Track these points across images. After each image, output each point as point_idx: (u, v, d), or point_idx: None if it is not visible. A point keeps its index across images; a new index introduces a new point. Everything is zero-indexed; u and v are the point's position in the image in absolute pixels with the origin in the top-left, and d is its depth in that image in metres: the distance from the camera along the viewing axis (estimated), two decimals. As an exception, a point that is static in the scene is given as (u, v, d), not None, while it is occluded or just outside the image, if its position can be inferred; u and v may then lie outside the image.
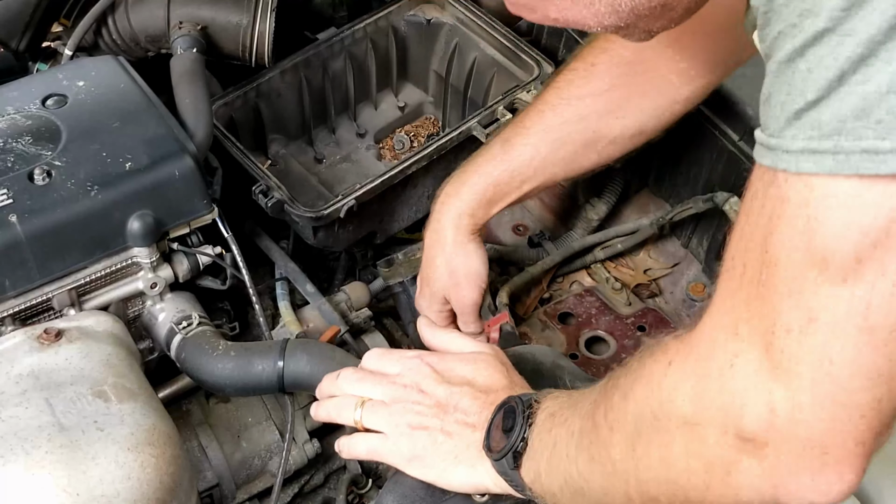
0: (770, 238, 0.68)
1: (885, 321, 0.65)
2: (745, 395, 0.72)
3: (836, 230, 0.64)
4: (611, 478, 0.85)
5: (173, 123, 1.20)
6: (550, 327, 1.43)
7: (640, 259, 1.56)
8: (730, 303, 0.73)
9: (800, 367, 0.68)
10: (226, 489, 1.19)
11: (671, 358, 0.80)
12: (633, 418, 0.83)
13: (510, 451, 0.94)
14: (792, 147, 0.65)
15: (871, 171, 0.61)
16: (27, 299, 1.11)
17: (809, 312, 0.67)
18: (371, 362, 1.10)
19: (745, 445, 0.73)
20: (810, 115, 0.64)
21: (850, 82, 0.62)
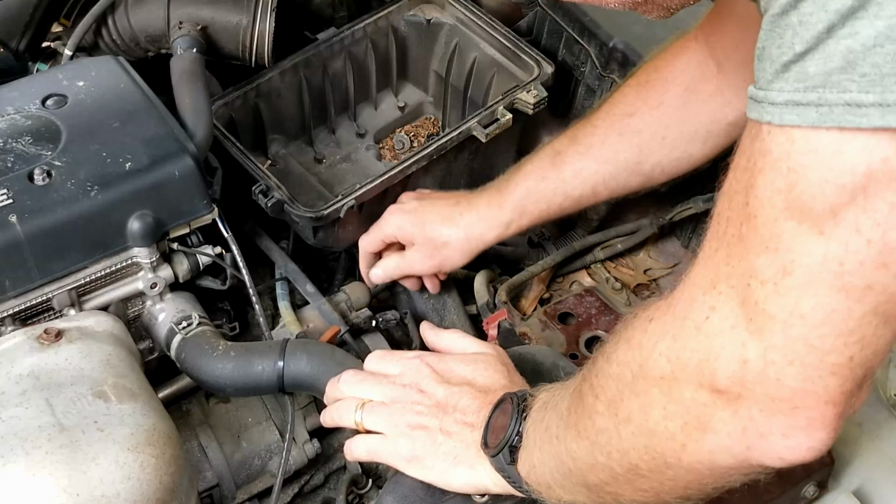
0: (751, 191, 0.69)
1: (858, 280, 0.65)
2: (719, 349, 0.72)
3: (814, 183, 0.64)
4: (595, 450, 0.85)
5: (173, 123, 1.20)
6: (550, 327, 1.43)
7: (641, 259, 1.56)
8: (710, 260, 0.74)
9: (772, 322, 0.69)
10: (226, 489, 1.19)
11: (651, 315, 0.80)
12: (614, 381, 0.83)
13: (506, 446, 0.94)
14: (777, 99, 0.66)
15: (853, 123, 0.62)
16: (27, 299, 1.11)
17: (784, 265, 0.67)
18: (372, 364, 1.10)
19: (719, 398, 0.73)
20: (797, 67, 0.64)
21: (838, 35, 0.62)
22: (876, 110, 0.61)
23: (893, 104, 0.61)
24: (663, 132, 1.25)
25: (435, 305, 1.41)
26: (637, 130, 1.26)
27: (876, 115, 0.61)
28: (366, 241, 1.36)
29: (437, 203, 1.33)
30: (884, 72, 0.61)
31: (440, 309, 1.41)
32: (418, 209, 1.33)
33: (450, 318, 1.41)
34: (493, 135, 1.43)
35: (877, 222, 0.63)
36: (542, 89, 1.46)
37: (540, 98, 1.45)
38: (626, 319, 0.85)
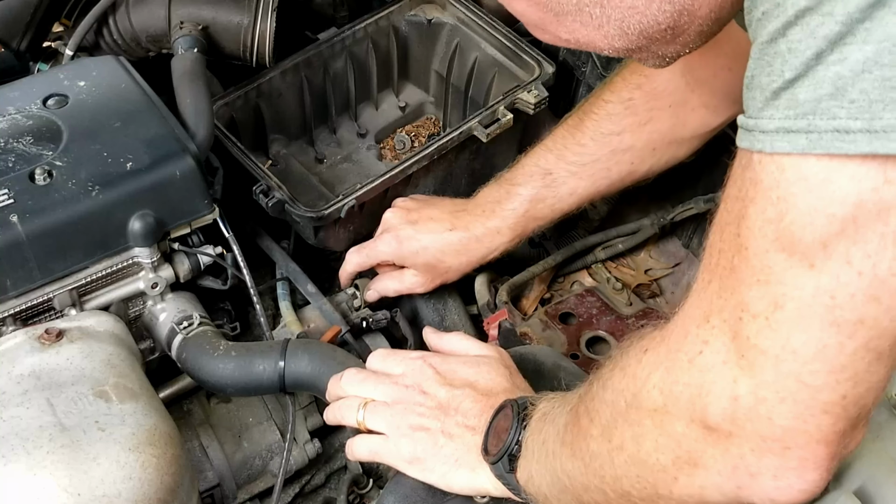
0: (742, 222, 0.68)
1: (850, 314, 0.64)
2: (710, 384, 0.72)
3: (804, 213, 0.64)
4: (589, 472, 0.85)
5: (174, 123, 1.20)
6: (551, 327, 1.43)
7: (641, 259, 1.55)
8: (703, 292, 0.73)
9: (764, 358, 0.68)
10: (227, 489, 1.19)
11: (647, 346, 0.80)
12: (609, 408, 0.83)
13: (505, 454, 0.94)
14: (768, 127, 0.65)
15: (841, 150, 0.61)
16: (28, 299, 1.11)
17: (776, 299, 0.66)
18: (375, 363, 1.10)
19: (710, 435, 0.73)
20: (787, 94, 0.64)
21: (827, 61, 0.61)
22: (863, 136, 0.60)
23: (881, 130, 0.60)
24: (653, 144, 1.27)
25: (436, 305, 1.41)
26: (628, 147, 1.27)
27: (863, 142, 0.60)
28: (356, 262, 1.34)
29: (433, 228, 1.31)
30: (872, 98, 0.60)
31: (441, 309, 1.41)
32: (415, 237, 1.31)
33: (450, 319, 1.41)
34: (494, 135, 1.43)
35: (867, 254, 0.63)
36: (543, 89, 1.46)
37: (541, 98, 1.45)
38: (622, 346, 0.84)
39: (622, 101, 1.27)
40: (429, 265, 1.32)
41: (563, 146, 1.30)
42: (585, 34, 0.80)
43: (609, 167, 1.28)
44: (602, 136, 1.27)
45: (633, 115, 1.26)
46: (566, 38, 0.83)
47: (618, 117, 1.27)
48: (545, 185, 1.29)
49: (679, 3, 0.76)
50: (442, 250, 1.31)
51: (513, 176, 1.32)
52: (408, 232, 1.31)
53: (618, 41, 0.80)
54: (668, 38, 0.79)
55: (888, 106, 0.59)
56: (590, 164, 1.28)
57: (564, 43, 0.84)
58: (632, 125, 1.26)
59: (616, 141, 1.27)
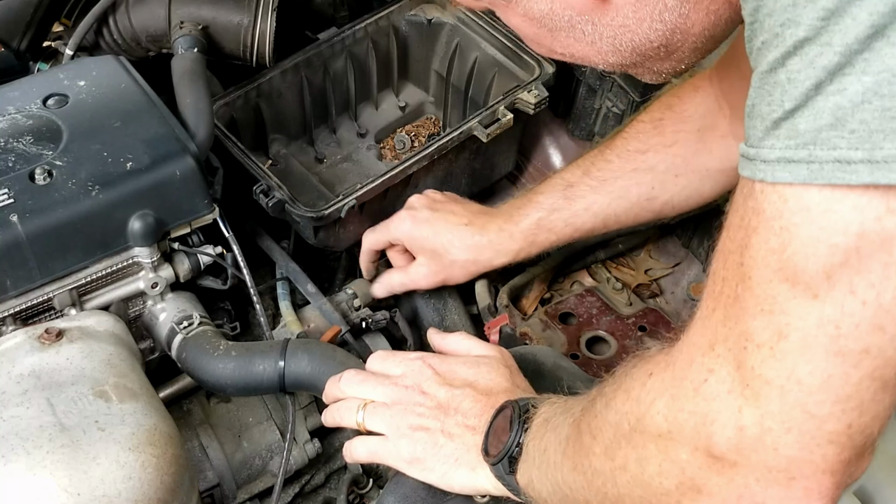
0: (745, 251, 0.68)
1: (854, 344, 0.64)
2: (715, 413, 0.72)
3: (806, 244, 0.64)
4: (590, 487, 0.85)
5: (174, 123, 1.20)
6: (551, 327, 1.43)
7: (641, 259, 1.56)
8: (708, 320, 0.73)
9: (769, 388, 0.68)
10: (227, 489, 1.19)
11: (651, 370, 0.80)
12: (612, 428, 0.83)
13: (506, 456, 0.94)
14: (769, 157, 0.65)
15: (842, 180, 0.61)
16: (28, 299, 1.11)
17: (780, 329, 0.66)
18: (375, 364, 1.10)
19: (715, 464, 0.72)
20: (787, 124, 0.64)
21: (827, 92, 0.61)
22: (865, 167, 0.60)
23: (881, 161, 0.60)
24: (676, 170, 1.26)
25: (436, 305, 1.41)
26: (651, 167, 1.26)
27: (865, 172, 0.60)
28: (371, 240, 1.36)
29: (450, 219, 1.33)
30: (872, 128, 0.60)
31: (441, 309, 1.41)
32: (430, 221, 1.32)
33: (451, 319, 1.41)
34: (494, 135, 1.43)
35: (871, 284, 0.62)
36: (543, 89, 1.46)
37: (541, 98, 1.45)
38: (626, 366, 0.84)
39: (652, 121, 1.26)
40: (436, 253, 1.32)
41: (591, 162, 1.30)
42: (580, 49, 0.81)
43: (629, 186, 1.27)
44: (627, 153, 1.27)
45: (659, 135, 1.25)
46: (561, 53, 0.84)
47: (645, 136, 1.26)
48: (564, 197, 1.29)
49: (671, 22, 0.76)
50: (451, 241, 1.31)
51: (538, 187, 1.33)
52: (424, 214, 1.33)
53: (611, 57, 0.81)
54: (662, 56, 0.80)
55: (888, 136, 0.60)
56: (610, 180, 1.28)
57: (560, 57, 0.85)
58: (657, 145, 1.25)
59: (640, 159, 1.26)
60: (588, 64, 0.85)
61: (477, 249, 1.31)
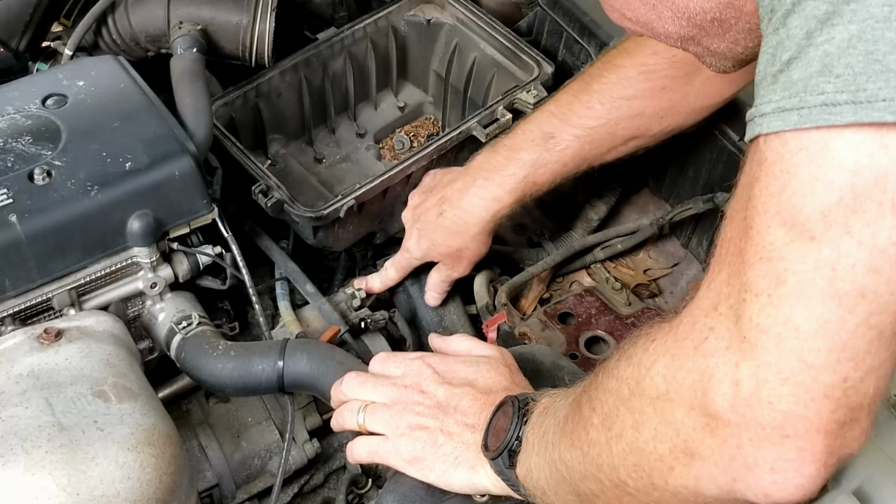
0: (749, 203, 0.69)
1: (851, 286, 0.65)
2: (713, 369, 0.72)
3: (804, 183, 0.65)
4: (586, 459, 0.85)
5: (173, 123, 1.20)
6: (550, 327, 1.43)
7: (640, 259, 1.56)
8: (713, 283, 0.74)
9: (766, 337, 0.68)
10: (225, 489, 1.19)
11: (655, 336, 0.80)
12: (612, 396, 0.83)
13: (505, 450, 0.94)
14: (767, 110, 0.67)
15: (828, 122, 0.63)
16: (27, 299, 1.11)
17: (778, 275, 0.67)
18: (376, 366, 1.10)
19: (709, 424, 0.72)
20: (784, 76, 0.66)
21: (817, 41, 0.64)
22: (849, 108, 0.62)
23: (864, 101, 0.62)
24: (663, 112, 1.27)
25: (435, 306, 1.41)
26: (638, 113, 1.27)
27: (849, 113, 0.62)
28: (400, 269, 1.39)
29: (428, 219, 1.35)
30: (856, 71, 0.62)
31: (440, 309, 1.41)
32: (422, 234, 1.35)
33: (449, 319, 1.41)
34: (493, 135, 1.43)
35: (866, 223, 0.63)
36: (542, 89, 1.46)
37: (540, 98, 1.45)
38: (631, 337, 0.84)
39: (637, 66, 1.26)
40: (445, 255, 1.36)
41: (569, 109, 1.29)
42: (644, 14, 0.83)
43: (615, 132, 1.28)
44: (612, 99, 1.27)
45: (648, 81, 1.25)
46: (630, 17, 0.86)
47: (631, 81, 1.26)
48: (547, 150, 1.29)
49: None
50: (441, 242, 1.34)
51: (511, 141, 1.32)
52: (413, 237, 1.36)
53: (670, 25, 0.83)
54: (717, 32, 0.82)
55: (871, 77, 0.62)
56: (597, 127, 1.28)
57: (629, 23, 0.87)
58: (646, 91, 1.26)
59: (626, 105, 1.26)
60: (653, 33, 0.86)
61: (465, 228, 1.33)
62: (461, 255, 1.36)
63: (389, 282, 1.40)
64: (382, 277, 1.40)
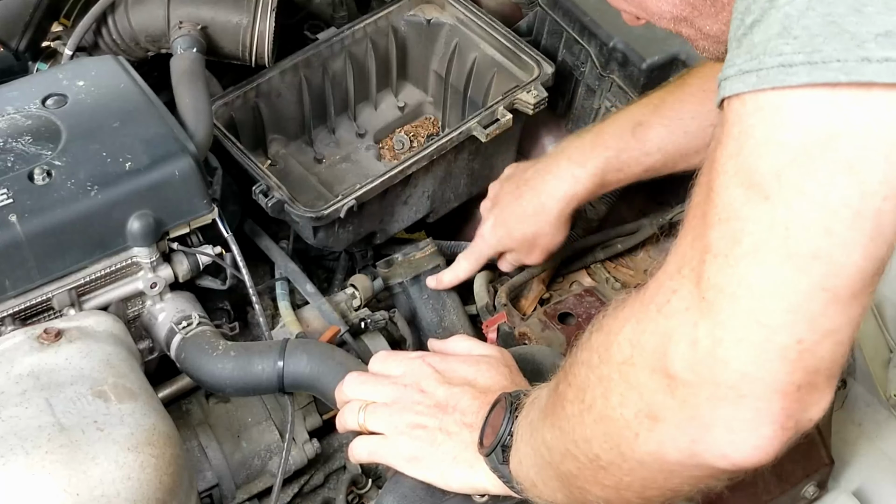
0: (712, 167, 0.70)
1: (804, 247, 0.65)
2: (673, 330, 0.72)
3: (759, 143, 0.65)
4: (564, 437, 0.85)
5: (173, 123, 1.20)
6: (550, 327, 1.43)
7: (640, 259, 1.55)
8: (679, 247, 0.74)
9: (722, 297, 0.68)
10: (225, 489, 1.19)
11: (624, 303, 0.80)
12: (584, 367, 0.83)
13: (498, 445, 0.94)
14: (729, 73, 0.67)
15: (784, 83, 0.63)
16: (27, 299, 1.11)
17: (734, 235, 0.67)
18: (376, 365, 1.10)
19: (670, 385, 0.72)
20: (747, 39, 0.67)
21: (778, 3, 0.64)
22: (804, 69, 0.63)
23: (820, 62, 0.62)
24: None
25: (434, 306, 1.41)
26: None
27: (804, 73, 0.63)
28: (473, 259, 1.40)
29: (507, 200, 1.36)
30: (813, 32, 0.63)
31: (439, 309, 1.41)
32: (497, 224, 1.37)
33: (449, 319, 1.41)
34: (493, 135, 1.43)
35: (819, 183, 0.64)
36: (542, 89, 1.46)
37: (540, 98, 1.45)
38: (604, 308, 0.85)
39: None
40: (519, 242, 1.37)
41: (661, 100, 1.28)
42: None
43: (706, 127, 1.25)
44: (704, 93, 1.25)
45: None
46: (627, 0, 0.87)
47: None
48: (633, 136, 1.28)
49: None
50: (517, 226, 1.35)
51: (600, 127, 1.32)
52: (489, 223, 1.37)
53: (664, 3, 0.83)
54: (710, 11, 0.82)
55: (827, 39, 0.62)
56: (686, 119, 1.26)
57: (624, 4, 0.88)
58: None
59: None
60: (648, 15, 0.87)
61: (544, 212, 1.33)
62: (536, 241, 1.36)
63: (462, 273, 1.40)
64: (455, 270, 1.40)
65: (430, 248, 1.44)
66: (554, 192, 1.31)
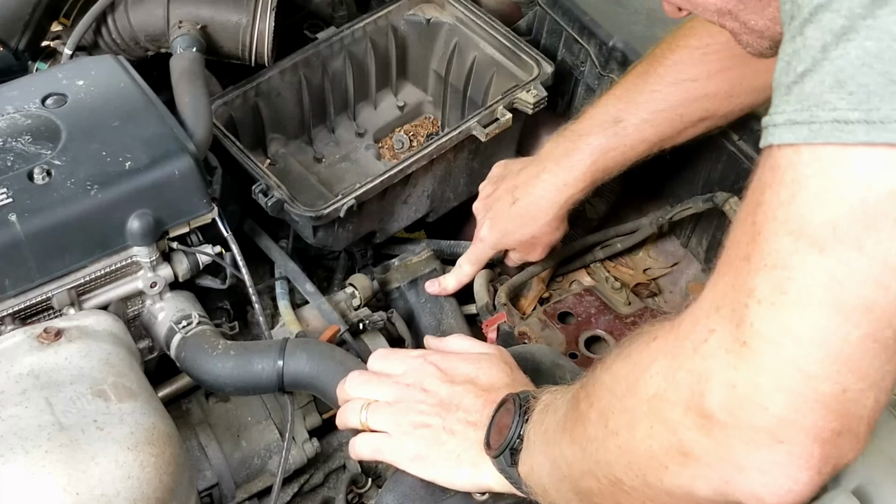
0: (758, 209, 0.69)
1: (857, 300, 0.64)
2: (710, 371, 0.71)
3: (815, 194, 0.65)
4: (584, 455, 0.85)
5: (173, 123, 1.20)
6: (550, 327, 1.43)
7: (640, 259, 1.56)
8: (718, 284, 0.73)
9: (764, 343, 0.68)
10: (225, 488, 1.19)
11: (656, 335, 0.80)
12: (608, 393, 0.83)
13: (507, 448, 0.94)
14: (779, 120, 0.67)
15: (839, 140, 0.63)
16: (27, 298, 1.11)
17: (781, 282, 0.67)
18: (376, 363, 1.10)
19: (704, 425, 0.72)
20: (797, 88, 0.66)
21: (832, 55, 0.64)
22: (861, 127, 0.62)
23: (878, 121, 0.62)
24: (731, 91, 1.26)
25: (432, 308, 1.41)
26: (705, 93, 1.26)
27: (861, 132, 0.62)
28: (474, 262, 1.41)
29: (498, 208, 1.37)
30: (870, 90, 0.62)
31: (437, 313, 1.41)
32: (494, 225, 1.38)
33: (447, 322, 1.42)
34: (493, 134, 1.43)
35: (879, 240, 0.63)
36: (542, 89, 1.46)
37: (539, 98, 1.45)
38: (631, 335, 0.84)
39: (699, 47, 1.25)
40: (519, 243, 1.39)
41: (635, 93, 1.29)
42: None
43: (683, 114, 1.27)
44: (676, 82, 1.26)
45: (712, 62, 1.24)
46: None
47: (693, 62, 1.26)
48: (615, 134, 1.29)
49: None
50: (515, 229, 1.37)
51: (579, 126, 1.33)
52: (486, 226, 1.39)
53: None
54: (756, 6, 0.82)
55: (885, 98, 0.62)
56: (666, 109, 1.27)
57: None
58: (711, 71, 1.25)
59: (692, 87, 1.26)
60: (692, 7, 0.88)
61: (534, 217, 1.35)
62: (535, 241, 1.38)
63: (465, 278, 1.42)
64: (458, 275, 1.41)
65: (427, 252, 1.44)
66: (547, 196, 1.33)
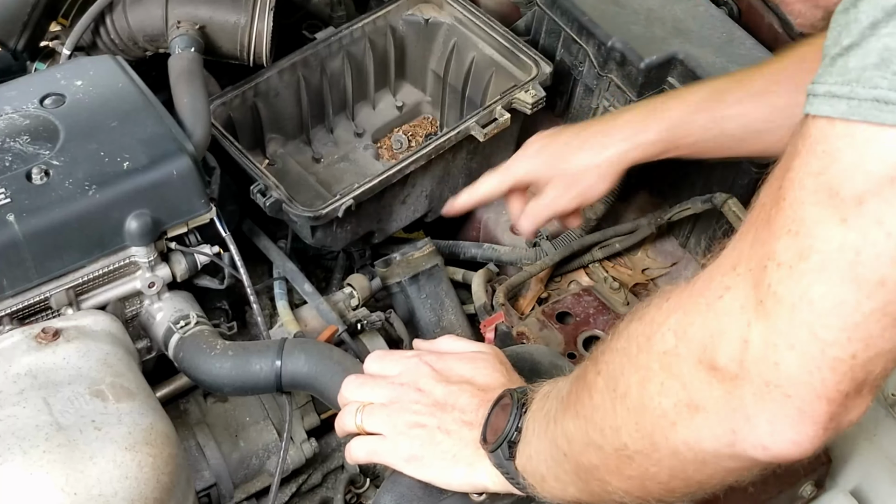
0: (786, 175, 0.69)
1: (872, 273, 0.65)
2: (724, 327, 0.72)
3: (846, 167, 0.65)
4: (589, 428, 0.85)
5: (171, 123, 1.20)
6: (548, 327, 1.43)
7: (638, 259, 1.56)
8: (738, 243, 0.74)
9: (780, 306, 0.69)
10: (223, 488, 1.19)
11: (670, 295, 0.81)
12: (619, 355, 0.83)
13: (505, 441, 0.94)
14: (818, 91, 0.67)
15: (878, 119, 0.63)
16: (25, 298, 1.11)
17: (802, 249, 0.68)
18: (372, 365, 1.10)
19: (715, 376, 0.73)
20: (841, 60, 0.66)
21: (880, 33, 0.63)
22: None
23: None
24: None
25: (433, 305, 1.41)
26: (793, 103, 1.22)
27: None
28: (492, 186, 1.32)
29: (564, 134, 1.30)
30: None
31: (438, 309, 1.41)
32: (544, 147, 1.29)
33: (447, 319, 1.41)
34: (492, 134, 1.43)
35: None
36: (541, 89, 1.46)
37: (538, 98, 1.45)
38: (645, 300, 0.85)
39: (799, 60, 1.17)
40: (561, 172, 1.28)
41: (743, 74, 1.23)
42: None
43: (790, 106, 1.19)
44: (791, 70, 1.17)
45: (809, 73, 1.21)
46: None
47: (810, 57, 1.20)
48: (711, 99, 1.22)
49: None
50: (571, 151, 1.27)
51: (677, 91, 1.28)
52: (536, 146, 1.30)
53: None
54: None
55: None
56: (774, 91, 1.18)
57: None
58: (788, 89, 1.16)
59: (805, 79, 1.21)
60: None
61: (600, 148, 1.25)
62: (577, 180, 1.27)
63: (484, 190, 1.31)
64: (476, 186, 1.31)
65: (429, 247, 1.44)
66: (617, 133, 1.25)
